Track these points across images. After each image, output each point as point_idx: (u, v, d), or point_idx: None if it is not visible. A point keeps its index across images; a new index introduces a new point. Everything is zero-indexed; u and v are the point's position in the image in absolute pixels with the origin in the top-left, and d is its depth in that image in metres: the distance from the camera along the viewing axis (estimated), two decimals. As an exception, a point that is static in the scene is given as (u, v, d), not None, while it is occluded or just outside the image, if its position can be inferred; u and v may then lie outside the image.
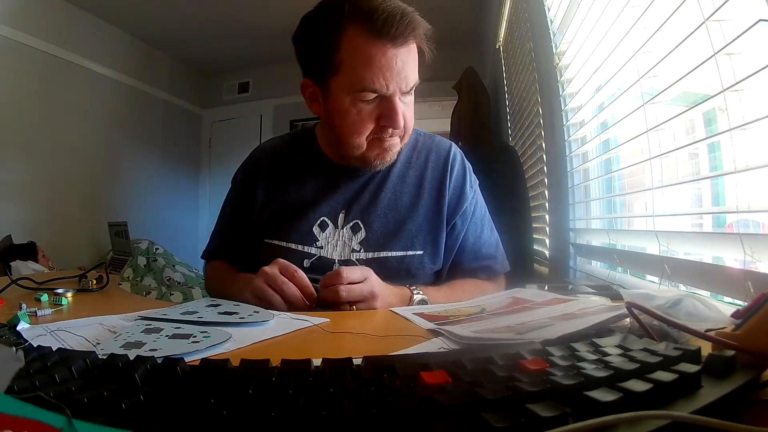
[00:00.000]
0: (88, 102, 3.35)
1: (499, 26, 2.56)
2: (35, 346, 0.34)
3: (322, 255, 0.84)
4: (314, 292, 0.70)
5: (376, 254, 0.84)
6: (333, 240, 0.85)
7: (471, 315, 0.55)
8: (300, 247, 0.84)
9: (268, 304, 0.67)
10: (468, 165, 0.94)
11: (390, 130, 0.77)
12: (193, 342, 0.46)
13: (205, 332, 0.49)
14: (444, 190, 0.88)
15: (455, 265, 0.90)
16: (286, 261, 0.71)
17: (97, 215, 3.27)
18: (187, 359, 0.39)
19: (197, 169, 4.63)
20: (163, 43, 3.98)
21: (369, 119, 0.75)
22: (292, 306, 0.68)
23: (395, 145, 0.80)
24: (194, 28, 3.67)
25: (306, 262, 0.83)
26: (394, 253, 0.84)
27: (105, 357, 0.30)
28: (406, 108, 0.77)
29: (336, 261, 0.83)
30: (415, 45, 0.75)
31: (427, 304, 0.75)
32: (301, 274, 0.70)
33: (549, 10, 1.51)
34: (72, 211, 3.20)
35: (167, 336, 0.48)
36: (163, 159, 4.17)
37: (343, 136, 0.78)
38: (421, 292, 0.76)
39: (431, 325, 0.50)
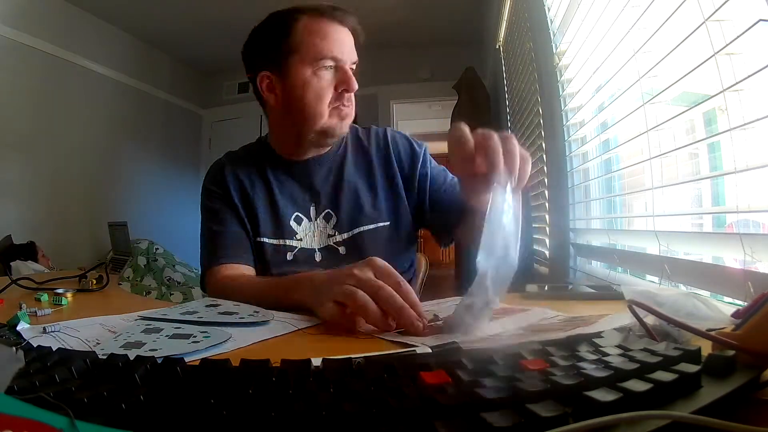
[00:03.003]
0: (88, 102, 3.35)
1: (499, 26, 2.56)
2: (35, 346, 0.34)
3: (303, 246, 0.90)
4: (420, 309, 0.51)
5: (349, 233, 0.91)
6: (310, 232, 0.92)
7: (428, 321, 0.54)
8: (282, 242, 0.90)
9: (363, 314, 0.51)
10: (408, 136, 1.01)
11: (347, 96, 0.86)
12: (193, 342, 0.46)
13: (205, 332, 0.49)
14: (391, 160, 0.96)
15: (448, 202, 0.92)
16: (381, 261, 0.54)
17: (97, 215, 3.27)
18: (187, 359, 0.39)
19: (197, 169, 4.62)
20: (163, 43, 3.98)
21: (329, 87, 0.84)
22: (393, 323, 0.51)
23: (350, 114, 0.88)
24: (194, 28, 3.67)
25: (289, 255, 0.90)
26: (365, 227, 0.91)
27: (105, 357, 0.30)
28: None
29: (316, 249, 0.91)
30: (352, 29, 0.87)
31: None
32: (406, 285, 0.52)
33: (549, 10, 1.51)
34: (72, 211, 3.20)
35: (167, 336, 0.48)
36: (163, 159, 4.17)
37: (307, 109, 0.85)
38: None
39: (401, 337, 0.47)
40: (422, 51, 4.02)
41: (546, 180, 1.71)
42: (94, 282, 0.90)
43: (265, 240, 0.90)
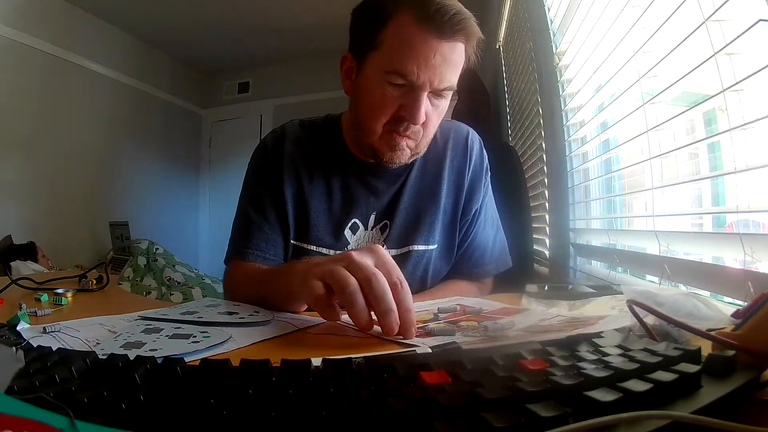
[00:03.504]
0: (88, 102, 3.36)
1: (499, 26, 2.56)
2: (35, 346, 0.34)
3: None
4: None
5: (398, 250, 0.82)
6: (362, 241, 0.83)
7: (426, 321, 0.54)
8: (332, 252, 0.81)
9: (346, 303, 0.47)
10: (485, 155, 0.92)
11: (405, 124, 0.72)
12: (193, 342, 0.46)
13: (205, 332, 0.49)
14: (463, 179, 0.86)
15: (456, 262, 0.89)
16: (384, 252, 0.51)
17: (97, 215, 3.28)
18: (187, 359, 0.39)
19: (197, 169, 4.63)
20: (163, 43, 3.98)
21: (391, 105, 0.71)
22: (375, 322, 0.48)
23: (408, 146, 0.75)
24: (194, 28, 3.67)
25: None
26: (416, 247, 0.83)
27: (105, 357, 0.30)
28: (433, 110, 0.73)
29: None
30: (460, 47, 0.70)
31: None
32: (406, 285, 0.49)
33: (549, 10, 1.51)
34: (72, 211, 3.20)
35: (167, 336, 0.48)
36: (163, 159, 4.17)
37: (362, 117, 0.76)
38: None
39: (401, 337, 0.47)
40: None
41: (546, 180, 1.71)
42: (94, 282, 0.90)
43: (312, 248, 0.80)
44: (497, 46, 2.74)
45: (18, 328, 0.50)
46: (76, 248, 3.19)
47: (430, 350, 0.41)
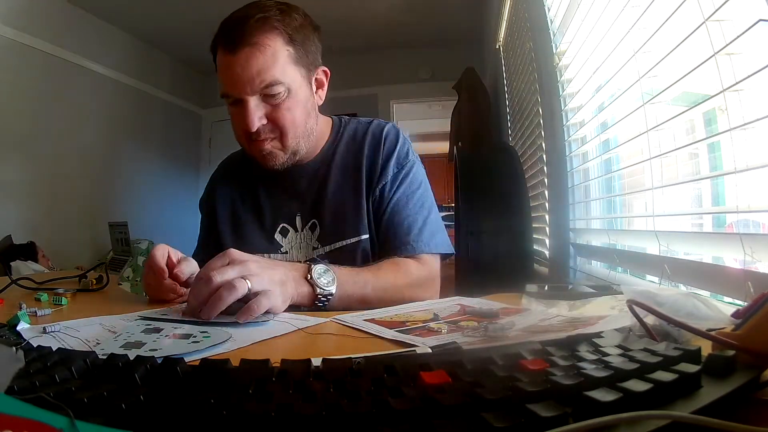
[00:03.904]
0: (88, 102, 3.36)
1: (499, 26, 2.56)
2: (35, 346, 0.34)
3: (288, 259, 0.87)
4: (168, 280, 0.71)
5: (332, 246, 0.86)
6: (296, 243, 0.88)
7: (426, 321, 0.55)
8: (267, 256, 0.86)
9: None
10: (402, 142, 0.91)
11: (252, 133, 0.78)
12: (193, 342, 0.46)
13: (205, 332, 0.49)
14: (377, 166, 0.88)
15: (382, 241, 0.87)
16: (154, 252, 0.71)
17: (97, 215, 3.28)
18: (187, 359, 0.39)
19: (197, 169, 4.63)
20: (163, 43, 3.98)
21: (237, 123, 0.80)
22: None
23: (272, 148, 0.81)
24: (194, 28, 3.66)
25: None
26: (348, 241, 0.86)
27: (105, 357, 0.30)
28: (273, 109, 0.78)
29: (302, 262, 0.82)
30: (263, 47, 0.75)
31: (332, 273, 0.68)
32: (156, 263, 0.70)
33: (549, 10, 1.51)
34: (72, 211, 3.20)
35: (167, 336, 0.48)
36: (163, 159, 4.17)
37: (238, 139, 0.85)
38: (324, 271, 0.68)
39: (401, 336, 0.47)
40: (422, 51, 4.02)
41: (546, 180, 1.71)
42: (94, 282, 0.90)
43: None
44: (497, 46, 2.74)
45: (18, 328, 0.50)
46: (76, 248, 3.18)
47: (430, 350, 0.41)
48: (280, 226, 0.89)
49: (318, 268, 0.67)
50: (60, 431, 0.20)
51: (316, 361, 0.30)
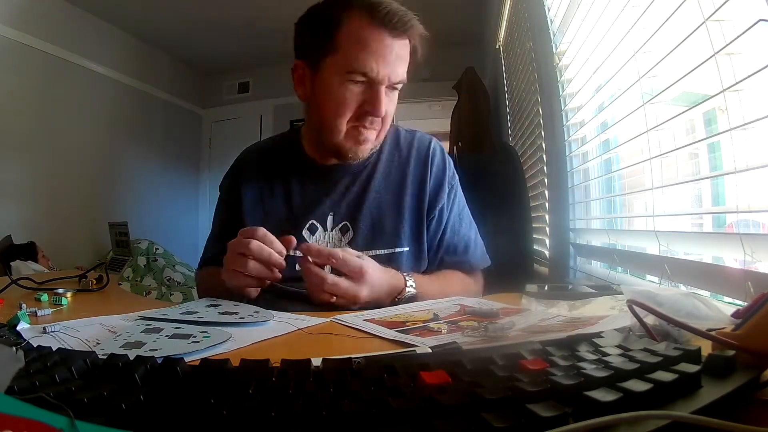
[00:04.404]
0: (88, 102, 3.35)
1: (499, 26, 2.56)
2: (35, 346, 0.34)
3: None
4: (280, 260, 0.69)
5: (364, 253, 0.84)
6: (323, 242, 0.86)
7: (426, 321, 0.55)
8: (291, 252, 0.85)
9: (243, 270, 0.67)
10: (449, 159, 0.95)
11: (370, 119, 0.78)
12: (193, 342, 0.46)
13: (205, 332, 0.49)
14: (425, 185, 0.89)
15: (442, 258, 0.91)
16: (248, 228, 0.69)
17: (97, 215, 3.27)
18: (187, 359, 0.39)
19: (197, 169, 4.63)
20: (163, 43, 3.98)
21: (353, 102, 0.77)
22: (263, 272, 0.67)
23: (371, 138, 0.82)
24: (194, 28, 3.67)
25: (297, 267, 0.82)
26: (381, 251, 0.85)
27: (105, 357, 0.30)
28: (389, 102, 0.79)
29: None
30: (409, 44, 0.78)
31: (415, 300, 0.75)
32: (265, 236, 0.69)
33: (549, 10, 1.51)
34: (72, 211, 3.20)
35: (167, 336, 0.48)
36: (163, 159, 4.17)
37: (325, 118, 0.80)
38: (413, 285, 0.77)
39: (401, 336, 0.47)
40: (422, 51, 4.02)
41: (546, 180, 1.71)
42: (94, 282, 0.90)
43: None
44: (497, 46, 2.74)
45: (18, 328, 0.50)
46: (76, 248, 3.18)
47: (430, 350, 0.41)
48: (310, 222, 0.86)
49: (408, 293, 0.76)
50: (60, 431, 0.20)
51: (316, 361, 0.30)
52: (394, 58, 0.76)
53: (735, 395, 0.24)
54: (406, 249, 0.86)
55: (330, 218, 0.87)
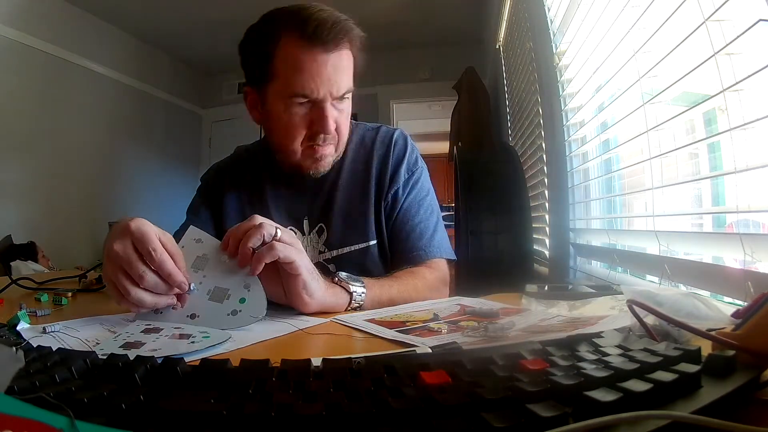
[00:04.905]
0: (88, 102, 3.36)
1: (499, 26, 2.56)
2: (35, 346, 0.34)
3: None
4: (181, 277, 0.54)
5: (339, 251, 0.86)
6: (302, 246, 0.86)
7: (426, 321, 0.55)
8: None
9: (122, 295, 0.53)
10: (412, 147, 0.93)
11: (322, 136, 0.78)
12: (192, 342, 0.46)
13: (205, 332, 0.49)
14: (386, 171, 0.88)
15: (394, 249, 0.88)
16: (143, 229, 0.54)
17: (97, 215, 3.28)
18: (187, 359, 0.39)
19: (197, 169, 4.62)
20: (163, 43, 3.98)
21: (301, 125, 0.77)
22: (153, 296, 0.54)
23: (328, 153, 0.81)
24: (194, 28, 3.67)
25: None
26: (354, 247, 0.86)
27: (105, 357, 0.30)
28: (339, 115, 0.78)
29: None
30: (347, 52, 0.76)
31: (361, 284, 0.69)
32: (160, 253, 0.53)
33: (549, 10, 1.51)
34: (72, 211, 3.20)
35: (167, 336, 0.48)
36: (163, 159, 4.17)
37: (278, 142, 0.81)
38: (347, 276, 0.69)
39: (401, 336, 0.47)
40: (422, 51, 4.02)
41: (546, 180, 1.71)
42: (94, 282, 0.90)
43: None
44: (497, 46, 2.74)
45: (18, 328, 0.50)
46: (76, 248, 3.19)
47: (430, 350, 0.41)
48: (288, 229, 0.86)
49: (341, 274, 0.69)
50: (60, 431, 0.20)
51: (316, 361, 0.30)
52: (331, 73, 0.74)
53: (735, 395, 0.24)
54: (373, 242, 0.87)
55: (306, 222, 0.88)
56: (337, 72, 0.75)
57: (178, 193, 4.31)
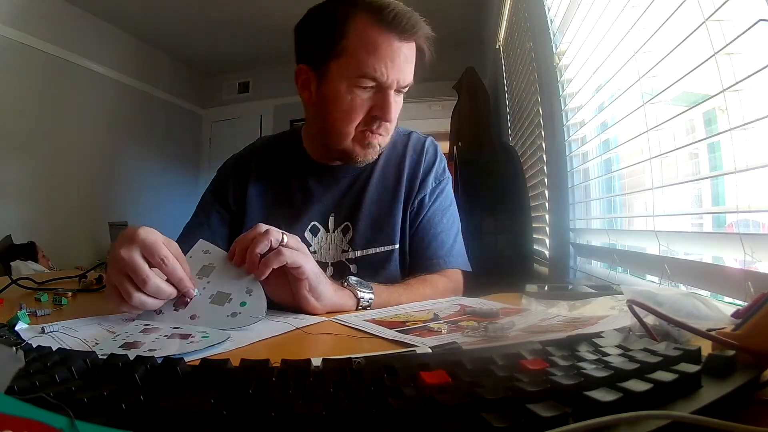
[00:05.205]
0: (88, 102, 3.36)
1: (499, 26, 2.56)
2: (35, 346, 0.34)
3: (316, 259, 0.83)
4: (189, 283, 0.56)
5: (363, 252, 0.85)
6: (325, 244, 0.85)
7: (426, 321, 0.55)
8: None
9: (124, 299, 0.53)
10: (441, 157, 0.94)
11: (378, 123, 0.77)
12: (191, 342, 0.46)
13: (204, 332, 0.49)
14: (416, 179, 0.89)
15: (414, 255, 0.88)
16: (152, 237, 0.55)
17: (97, 215, 3.28)
18: (186, 359, 0.40)
19: (197, 169, 4.63)
20: (163, 43, 3.98)
21: (361, 108, 0.76)
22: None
23: (380, 142, 0.81)
24: (194, 28, 3.67)
25: None
26: (380, 249, 0.85)
27: (105, 357, 0.30)
28: (395, 106, 0.78)
29: (329, 264, 0.84)
30: (416, 46, 0.77)
31: (370, 290, 0.69)
32: (172, 260, 0.55)
33: (549, 10, 1.51)
34: (72, 211, 3.20)
35: (166, 336, 0.48)
36: (163, 159, 4.17)
37: (332, 124, 0.78)
38: (357, 281, 0.69)
39: (401, 336, 0.47)
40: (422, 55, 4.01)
41: (546, 180, 1.71)
42: (94, 282, 0.90)
43: None
44: (497, 46, 2.74)
45: (17, 328, 0.50)
46: (76, 248, 3.19)
47: (430, 350, 0.41)
48: (311, 224, 0.86)
49: (351, 279, 0.68)
50: (60, 431, 0.20)
51: (316, 361, 0.30)
52: (403, 62, 0.74)
53: (735, 395, 0.24)
54: (397, 246, 0.86)
55: (331, 219, 0.86)
56: (407, 62, 0.75)
57: (178, 193, 4.32)
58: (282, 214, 0.86)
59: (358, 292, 0.67)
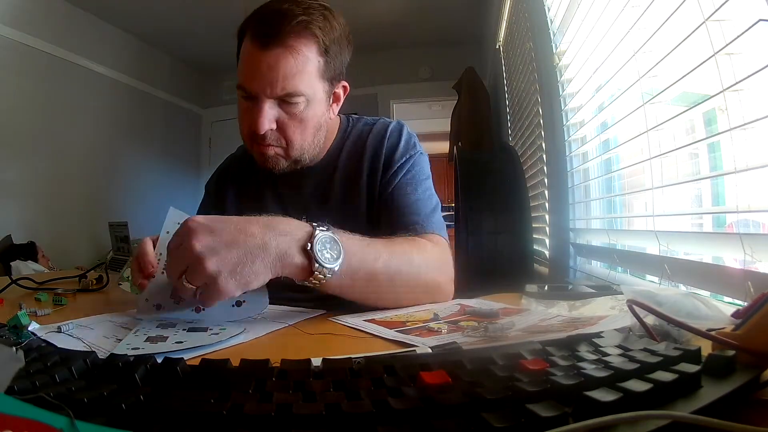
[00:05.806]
0: (88, 102, 3.35)
1: (499, 26, 2.56)
2: (57, 346, 0.34)
3: None
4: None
5: None
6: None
7: (426, 321, 0.55)
8: None
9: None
10: (406, 136, 0.88)
11: (256, 135, 0.75)
12: (213, 334, 0.47)
13: (221, 325, 0.50)
14: (378, 163, 0.85)
15: (384, 221, 0.83)
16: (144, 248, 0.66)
17: (97, 215, 3.27)
18: (210, 350, 0.42)
19: (197, 169, 4.63)
20: (163, 43, 3.98)
21: (244, 119, 0.77)
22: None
23: (272, 154, 0.78)
24: (194, 28, 3.67)
25: None
26: None
27: (105, 357, 0.31)
28: (287, 117, 0.74)
29: (306, 222, 0.83)
30: (286, 53, 0.70)
31: (338, 245, 0.58)
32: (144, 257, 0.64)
33: (549, 10, 1.51)
34: (72, 211, 3.20)
35: (185, 330, 0.49)
36: (163, 159, 4.17)
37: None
38: (329, 242, 0.58)
39: (401, 336, 0.47)
40: (422, 51, 4.02)
41: (546, 180, 1.71)
42: (94, 282, 0.90)
43: None
44: (497, 46, 2.74)
45: (30, 328, 0.50)
46: (76, 248, 3.18)
47: (430, 350, 0.41)
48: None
49: (322, 238, 0.57)
50: (60, 431, 0.20)
51: (316, 361, 0.30)
52: (267, 71, 0.70)
53: (735, 395, 0.24)
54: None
55: (304, 220, 0.85)
56: (273, 71, 0.70)
57: (178, 192, 4.32)
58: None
59: (314, 264, 0.55)
